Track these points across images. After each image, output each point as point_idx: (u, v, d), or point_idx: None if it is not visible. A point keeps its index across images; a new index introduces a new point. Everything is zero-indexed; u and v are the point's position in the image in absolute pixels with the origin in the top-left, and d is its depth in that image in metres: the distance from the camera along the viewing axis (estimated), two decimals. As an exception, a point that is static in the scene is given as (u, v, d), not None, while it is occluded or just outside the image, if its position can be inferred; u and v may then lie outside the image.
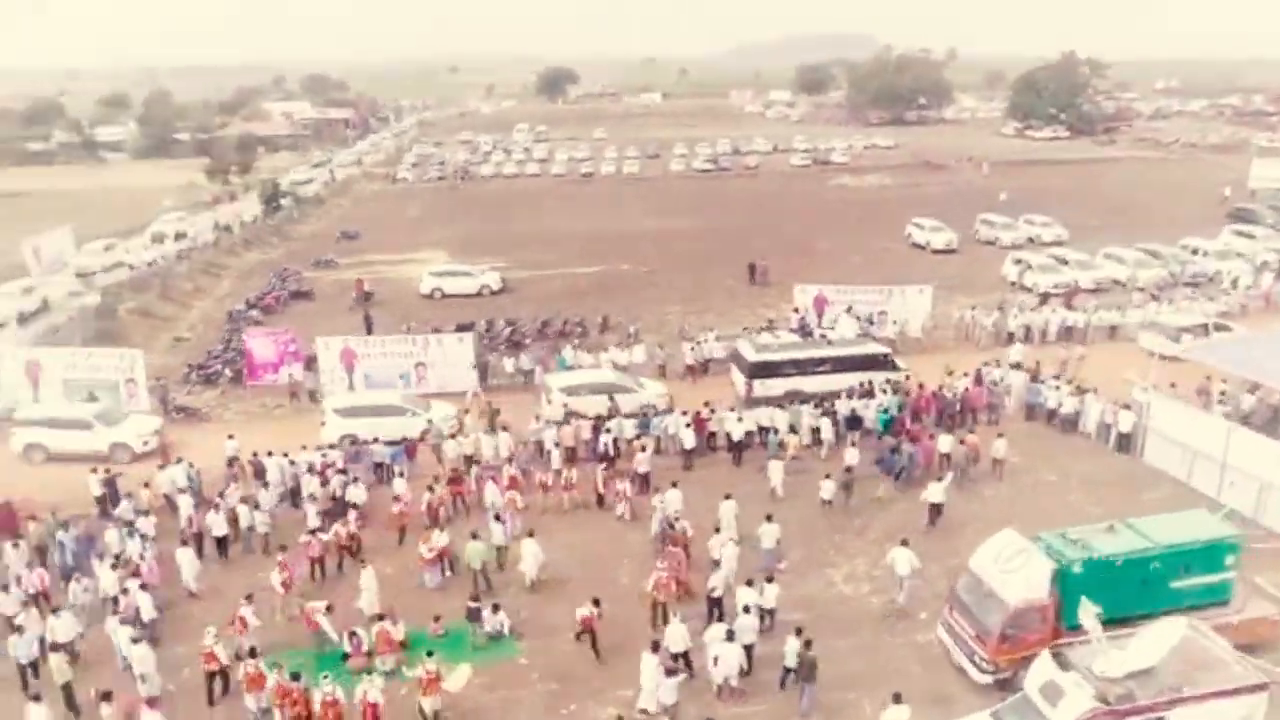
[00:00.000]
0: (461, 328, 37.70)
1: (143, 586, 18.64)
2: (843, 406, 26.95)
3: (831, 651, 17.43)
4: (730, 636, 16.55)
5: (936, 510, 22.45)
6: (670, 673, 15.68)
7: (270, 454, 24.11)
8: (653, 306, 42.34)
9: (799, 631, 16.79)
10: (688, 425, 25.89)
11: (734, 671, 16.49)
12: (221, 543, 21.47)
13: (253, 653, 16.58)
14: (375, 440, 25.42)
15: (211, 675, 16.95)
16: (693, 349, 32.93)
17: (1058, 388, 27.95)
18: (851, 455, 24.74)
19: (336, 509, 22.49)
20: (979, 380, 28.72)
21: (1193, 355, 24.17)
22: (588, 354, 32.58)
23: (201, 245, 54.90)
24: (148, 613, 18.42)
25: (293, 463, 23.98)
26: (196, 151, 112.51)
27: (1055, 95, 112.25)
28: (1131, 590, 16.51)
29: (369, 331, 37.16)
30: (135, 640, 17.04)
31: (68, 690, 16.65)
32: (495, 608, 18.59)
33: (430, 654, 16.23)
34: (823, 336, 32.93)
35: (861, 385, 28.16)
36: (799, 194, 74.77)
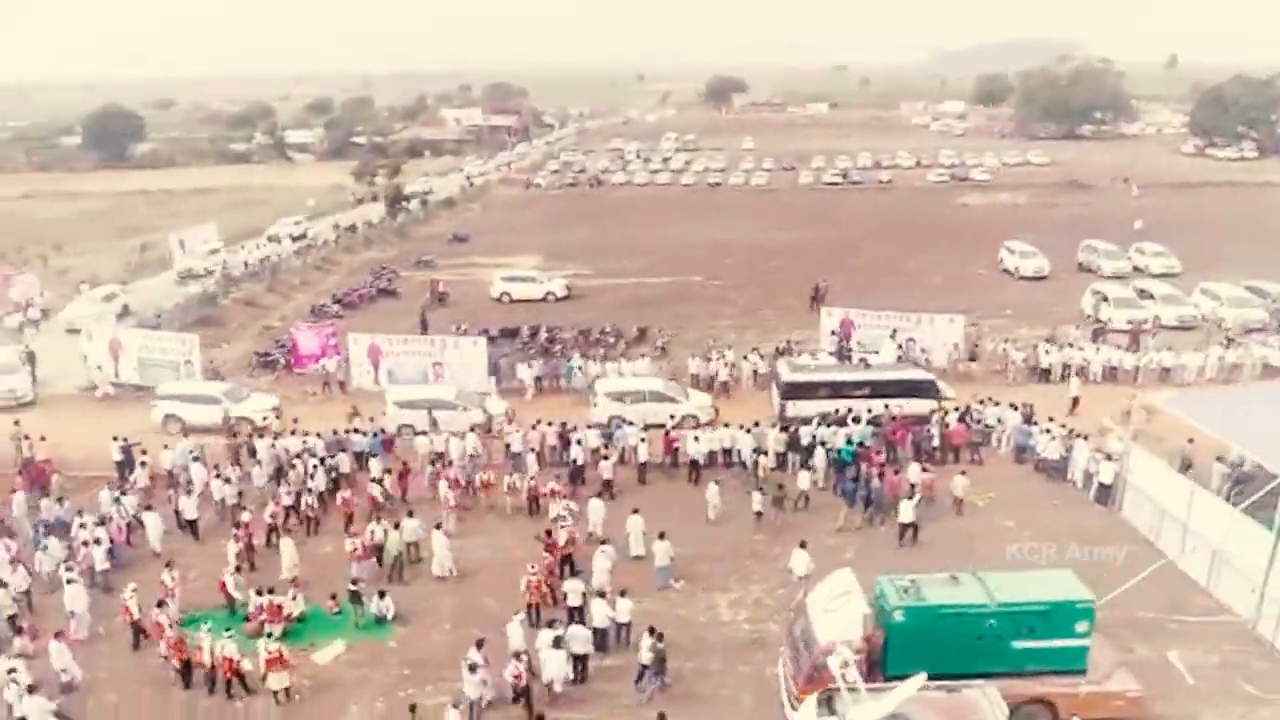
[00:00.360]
0: (506, 332, 39.87)
1: (97, 542, 21.44)
2: (807, 433, 26.65)
3: (674, 673, 17.84)
4: (558, 643, 17.27)
5: (908, 529, 22.56)
6: (473, 668, 16.57)
7: (262, 436, 26.82)
8: (703, 321, 42.79)
9: (652, 630, 17.54)
10: (642, 439, 26.50)
11: (559, 677, 17.20)
12: (193, 524, 23.73)
13: (160, 605, 18.96)
14: (355, 431, 27.56)
15: (131, 625, 19.42)
16: (705, 363, 33.36)
17: (1048, 431, 26.41)
18: (804, 479, 24.73)
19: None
20: (964, 418, 27.54)
21: (1167, 406, 22.26)
22: (595, 364, 33.61)
23: (321, 244, 59.96)
24: (100, 564, 21.25)
25: (272, 445, 26.53)
26: (371, 154, 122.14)
27: (1245, 111, 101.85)
28: (965, 647, 15.90)
29: (424, 330, 39.90)
30: (70, 581, 19.78)
31: (11, 620, 19.59)
32: (381, 594, 20.11)
33: (270, 636, 18.01)
34: (863, 360, 32.34)
35: (836, 411, 27.72)
36: (918, 211, 72.30)
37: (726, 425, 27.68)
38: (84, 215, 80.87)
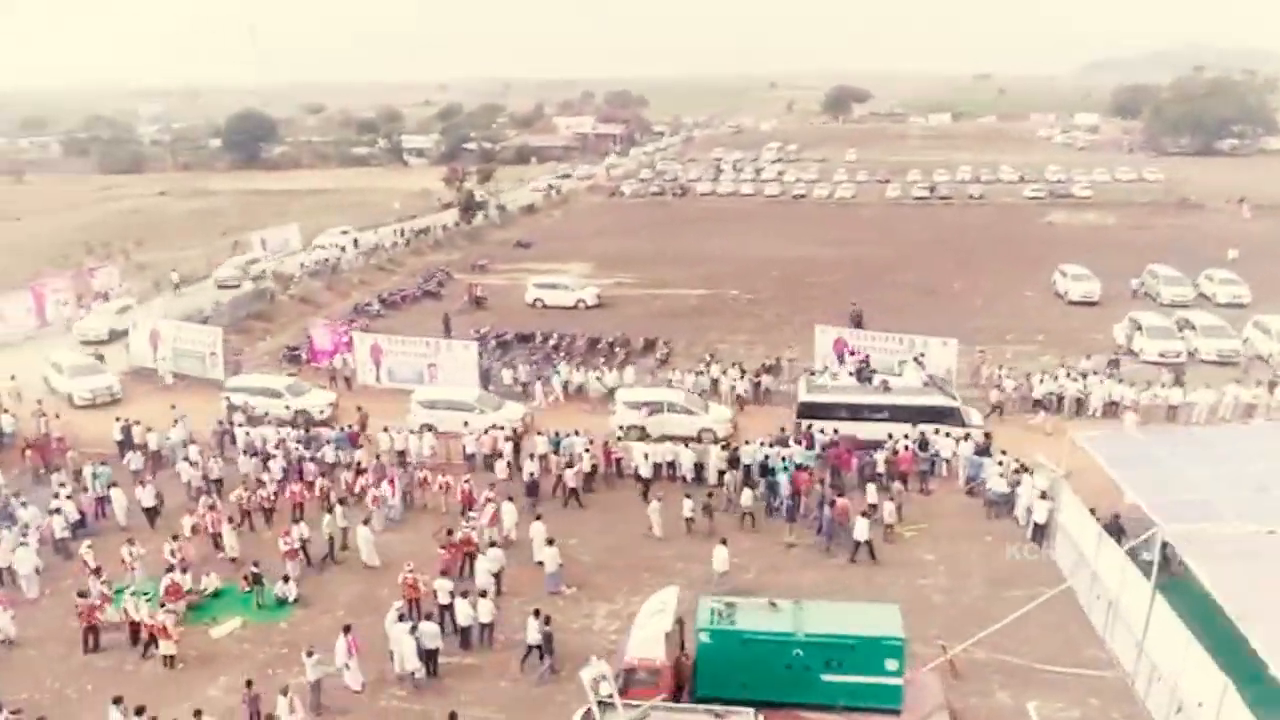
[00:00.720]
0: (522, 337, 41.27)
1: (58, 511, 23.80)
2: (747, 452, 26.62)
3: (521, 676, 18.50)
4: (414, 630, 18.30)
5: (861, 547, 22.67)
6: (309, 654, 17.69)
7: (239, 425, 28.99)
8: (719, 334, 42.99)
9: (538, 613, 18.68)
10: (586, 450, 27.10)
11: (411, 668, 18.18)
12: (150, 511, 25.30)
13: (98, 572, 21.08)
14: (326, 425, 29.33)
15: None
16: (697, 376, 33.64)
17: (1000, 463, 25.44)
18: (746, 497, 24.83)
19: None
20: (923, 445, 26.81)
21: (1085, 443, 21.05)
22: (580, 371, 34.41)
23: (389, 246, 63.12)
24: (60, 531, 23.63)
25: (248, 434, 28.63)
26: (480, 159, 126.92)
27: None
28: (773, 675, 15.90)
29: (447, 331, 41.77)
30: (22, 544, 22.13)
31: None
32: (285, 579, 21.58)
33: (164, 605, 19.71)
34: (884, 383, 31.16)
35: (783, 430, 27.53)
36: (996, 229, 69.55)
37: (669, 440, 27.89)
38: (200, 213, 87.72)
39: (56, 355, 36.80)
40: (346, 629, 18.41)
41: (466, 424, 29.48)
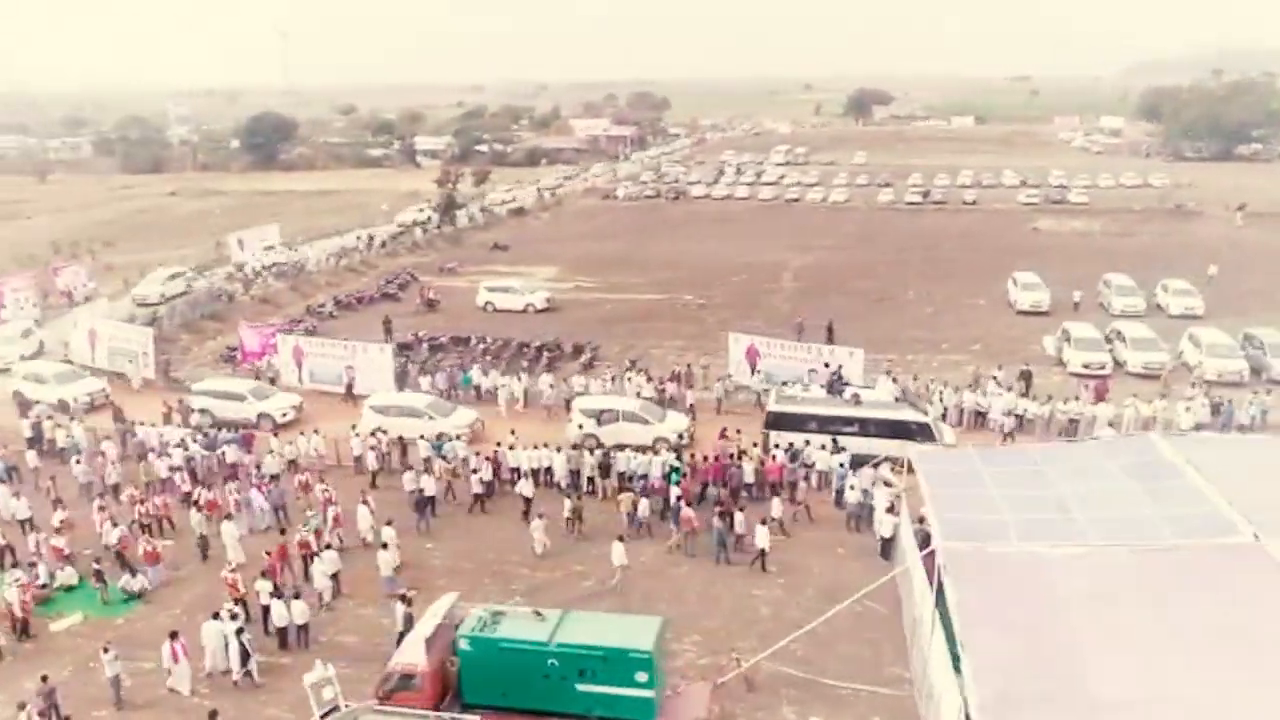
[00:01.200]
0: (457, 340, 41.81)
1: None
2: (622, 459, 26.80)
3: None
4: (240, 632, 18.91)
5: (760, 555, 22.97)
6: (105, 649, 18.26)
7: (144, 423, 29.94)
8: (654, 340, 43.12)
9: (403, 598, 19.49)
10: (484, 457, 27.35)
11: (220, 665, 18.84)
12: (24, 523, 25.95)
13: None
14: (223, 428, 30.05)
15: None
16: (611, 382, 33.89)
17: (857, 475, 25.32)
18: (643, 506, 24.90)
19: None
20: (793, 456, 26.77)
21: (914, 458, 20.86)
22: (500, 375, 34.80)
23: (365, 247, 64.12)
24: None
25: (135, 435, 29.48)
26: (491, 161, 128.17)
27: None
28: (532, 683, 16.13)
29: (387, 334, 42.44)
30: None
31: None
32: (133, 573, 22.26)
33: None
34: (855, 397, 29.88)
35: (659, 440, 27.68)
36: (978, 235, 68.64)
37: (546, 445, 28.05)
38: (203, 213, 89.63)
39: (31, 366, 36.79)
40: (174, 634, 18.88)
41: (423, 435, 28.94)
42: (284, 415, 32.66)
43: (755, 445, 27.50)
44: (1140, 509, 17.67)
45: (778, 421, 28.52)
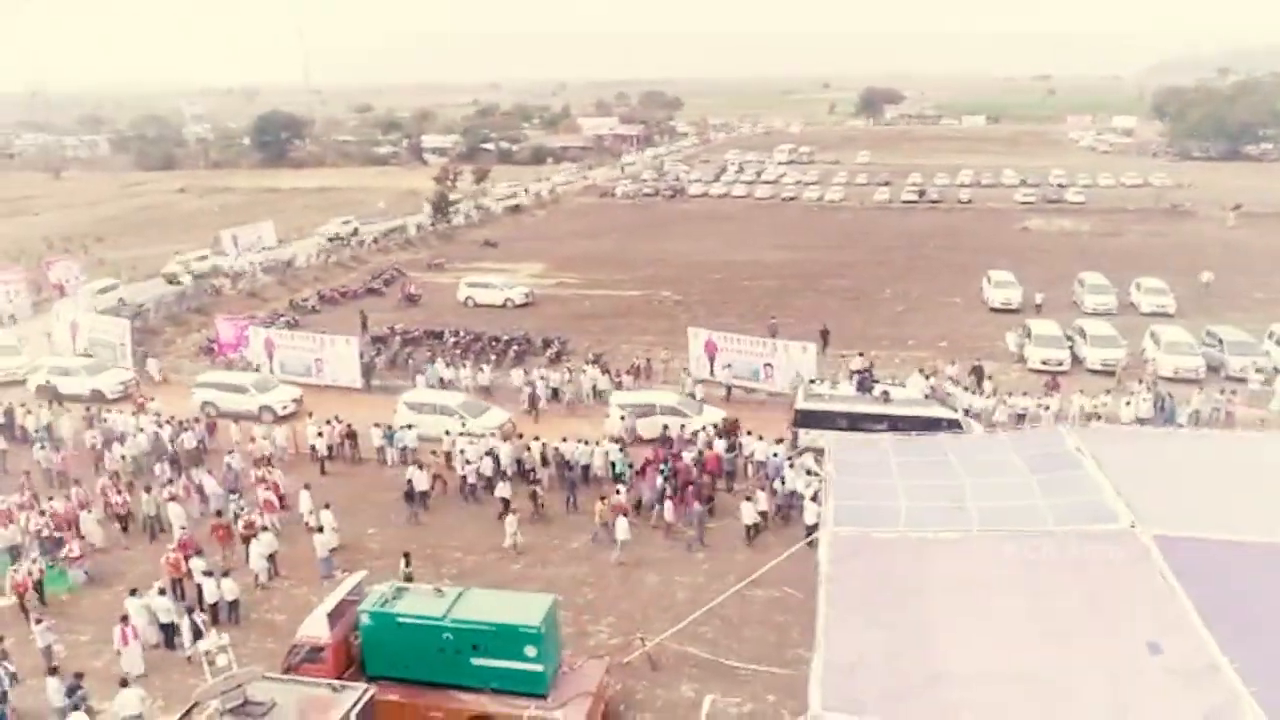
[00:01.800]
0: (430, 334, 42.62)
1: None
2: (567, 449, 27.45)
3: (255, 652, 19.65)
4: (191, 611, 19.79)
5: (751, 529, 24.24)
6: (38, 621, 19.12)
7: (116, 411, 30.99)
8: (624, 335, 43.73)
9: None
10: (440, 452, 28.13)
11: (150, 640, 19.68)
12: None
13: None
14: (198, 421, 30.97)
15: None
16: (570, 374, 34.57)
17: (791, 467, 25.86)
18: (622, 528, 25.12)
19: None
20: (730, 447, 27.34)
21: (829, 447, 21.38)
22: (451, 369, 35.55)
23: (357, 244, 65.18)
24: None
25: (104, 421, 30.44)
26: (498, 159, 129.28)
27: None
28: (428, 657, 16.76)
29: (364, 328, 43.34)
30: None
31: None
32: (73, 552, 23.17)
33: None
34: (885, 394, 29.97)
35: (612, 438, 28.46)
36: (966, 234, 68.81)
37: (493, 436, 28.76)
38: (207, 210, 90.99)
39: (56, 360, 37.19)
40: (124, 618, 19.62)
41: (448, 432, 28.80)
42: (285, 407, 33.06)
43: (694, 435, 28.07)
44: (1030, 498, 18.09)
45: (806, 419, 28.48)
